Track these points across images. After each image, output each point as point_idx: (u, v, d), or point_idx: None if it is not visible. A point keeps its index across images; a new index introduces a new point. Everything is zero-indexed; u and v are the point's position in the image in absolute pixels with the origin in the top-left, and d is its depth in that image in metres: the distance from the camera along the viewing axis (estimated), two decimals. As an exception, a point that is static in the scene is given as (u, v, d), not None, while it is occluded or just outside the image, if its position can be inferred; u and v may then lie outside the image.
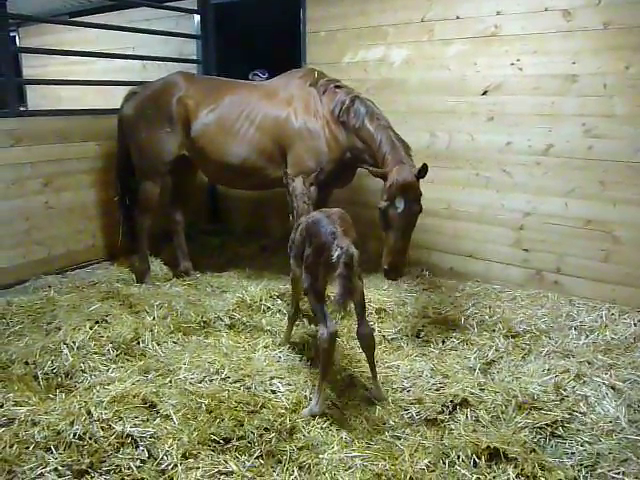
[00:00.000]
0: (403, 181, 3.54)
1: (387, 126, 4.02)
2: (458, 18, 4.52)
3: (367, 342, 3.01)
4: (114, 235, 5.04)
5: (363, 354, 3.12)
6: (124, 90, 4.89)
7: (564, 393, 3.02)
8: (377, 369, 3.16)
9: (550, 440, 2.70)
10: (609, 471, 2.46)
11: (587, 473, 2.47)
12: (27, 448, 2.52)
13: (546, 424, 2.75)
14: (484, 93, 4.49)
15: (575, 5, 4.02)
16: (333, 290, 2.87)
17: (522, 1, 4.22)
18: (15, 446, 2.53)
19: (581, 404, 2.93)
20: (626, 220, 4.02)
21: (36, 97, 8.64)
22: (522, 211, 4.46)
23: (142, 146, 4.59)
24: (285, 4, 5.57)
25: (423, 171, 3.57)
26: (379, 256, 5.09)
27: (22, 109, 6.76)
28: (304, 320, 3.92)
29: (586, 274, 4.23)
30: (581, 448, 2.63)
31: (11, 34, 8.90)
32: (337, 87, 4.31)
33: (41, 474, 2.40)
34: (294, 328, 3.72)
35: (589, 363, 3.33)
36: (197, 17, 6.21)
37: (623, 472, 2.45)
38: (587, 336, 3.68)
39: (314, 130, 4.23)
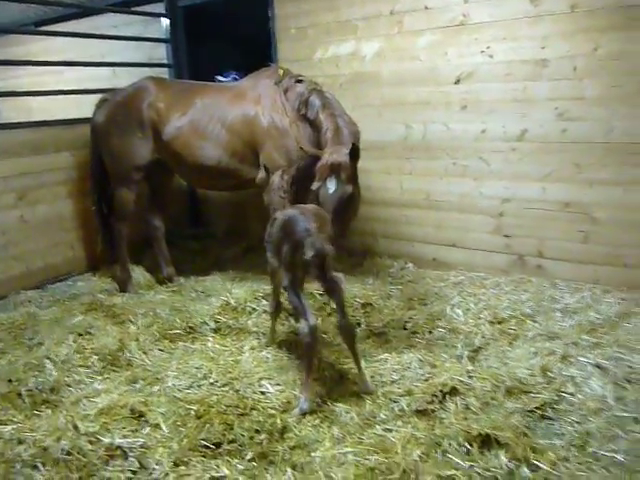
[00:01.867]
0: (334, 161, 3.55)
1: (338, 114, 4.02)
2: (427, 8, 4.53)
3: (347, 334, 3.02)
4: (94, 246, 4.97)
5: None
6: (96, 98, 4.82)
7: (551, 375, 3.04)
8: (365, 363, 3.16)
9: (540, 422, 2.71)
10: (599, 449, 2.48)
11: (578, 453, 2.48)
12: (13, 467, 2.47)
13: (535, 407, 2.77)
14: (456, 82, 4.50)
15: (541, -10, 4.05)
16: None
17: (489, -12, 4.24)
18: (1, 465, 2.47)
19: (568, 385, 2.96)
20: (603, 201, 4.06)
21: (7, 109, 8.49)
22: (501, 197, 4.49)
23: (114, 153, 4.55)
24: (254, 3, 5.53)
25: (353, 152, 3.54)
26: (361, 250, 5.14)
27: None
28: (290, 319, 3.91)
29: (567, 256, 4.27)
30: (571, 428, 2.64)
31: (-23, 47, 8.75)
32: (298, 82, 4.31)
33: (29, 492, 2.36)
34: (279, 326, 3.71)
35: (575, 344, 3.36)
36: (166, 21, 6.14)
37: (613, 449, 2.47)
38: (572, 317, 3.71)
39: (282, 128, 4.21)
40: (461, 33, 4.41)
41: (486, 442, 2.52)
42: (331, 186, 3.55)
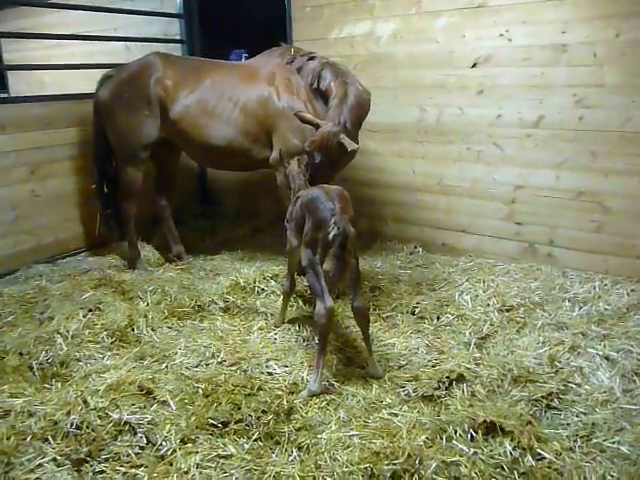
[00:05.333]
0: (322, 135, 3.68)
1: (350, 82, 4.03)
2: (445, -11, 4.44)
3: (362, 316, 3.03)
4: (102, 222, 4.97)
5: (358, 333, 3.13)
6: (107, 73, 4.79)
7: (559, 365, 3.04)
8: (373, 347, 3.17)
9: (546, 412, 2.72)
10: (604, 441, 2.49)
11: (583, 443, 2.49)
12: (24, 439, 2.51)
13: (541, 396, 2.77)
14: (473, 66, 4.43)
15: (564, -28, 3.95)
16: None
17: (510, -30, 4.14)
18: (12, 438, 2.51)
19: (576, 375, 2.96)
20: (617, 190, 4.00)
21: (18, 83, 8.46)
22: (513, 184, 4.44)
23: (120, 130, 4.49)
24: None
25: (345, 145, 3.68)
26: (370, 233, 5.13)
27: (4, 96, 6.64)
28: (299, 300, 3.92)
29: (578, 246, 4.23)
30: (576, 419, 2.65)
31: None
32: (310, 59, 4.28)
33: (39, 465, 2.39)
34: (288, 308, 3.72)
35: (583, 334, 3.35)
36: (180, -5, 6.07)
37: (618, 441, 2.47)
38: (581, 307, 3.69)
39: (297, 108, 4.16)
40: (480, 15, 4.32)
41: (491, 430, 2.53)
42: (317, 159, 3.70)
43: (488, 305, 3.76)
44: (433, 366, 3.10)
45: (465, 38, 4.43)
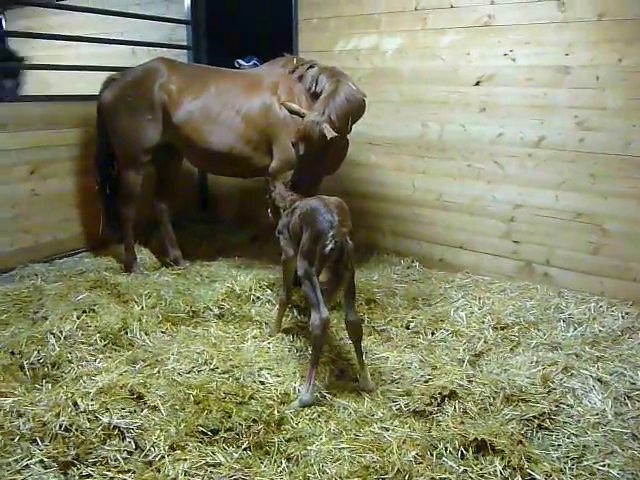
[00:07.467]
0: (305, 125, 3.71)
1: (344, 81, 4.04)
2: (452, 7, 4.48)
3: (354, 330, 3.02)
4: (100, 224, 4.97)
5: (352, 345, 3.12)
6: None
7: (552, 385, 3.03)
8: (366, 360, 3.16)
9: (537, 432, 2.70)
10: (595, 463, 2.47)
11: (573, 465, 2.47)
12: (12, 439, 2.49)
13: (533, 416, 2.75)
14: (477, 84, 4.46)
15: (569, -5, 3.99)
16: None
17: (516, -9, 4.19)
18: (0, 438, 2.50)
19: (568, 396, 2.94)
20: (616, 213, 4.02)
21: (22, 82, 8.47)
22: (513, 203, 4.45)
23: (123, 134, 4.51)
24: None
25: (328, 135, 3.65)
26: (368, 246, 5.13)
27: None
28: (294, 310, 3.91)
29: (575, 266, 4.24)
30: (567, 440, 2.63)
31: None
32: (311, 67, 4.32)
33: (26, 466, 2.37)
34: (283, 318, 3.71)
35: (577, 356, 3.34)
36: (187, 1, 6.10)
37: (608, 464, 2.46)
38: (575, 328, 3.69)
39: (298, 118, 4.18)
40: (485, 34, 4.36)
41: (481, 448, 2.52)
42: (300, 149, 3.73)
43: (483, 322, 3.75)
44: (426, 381, 3.09)
45: (469, 56, 4.46)
